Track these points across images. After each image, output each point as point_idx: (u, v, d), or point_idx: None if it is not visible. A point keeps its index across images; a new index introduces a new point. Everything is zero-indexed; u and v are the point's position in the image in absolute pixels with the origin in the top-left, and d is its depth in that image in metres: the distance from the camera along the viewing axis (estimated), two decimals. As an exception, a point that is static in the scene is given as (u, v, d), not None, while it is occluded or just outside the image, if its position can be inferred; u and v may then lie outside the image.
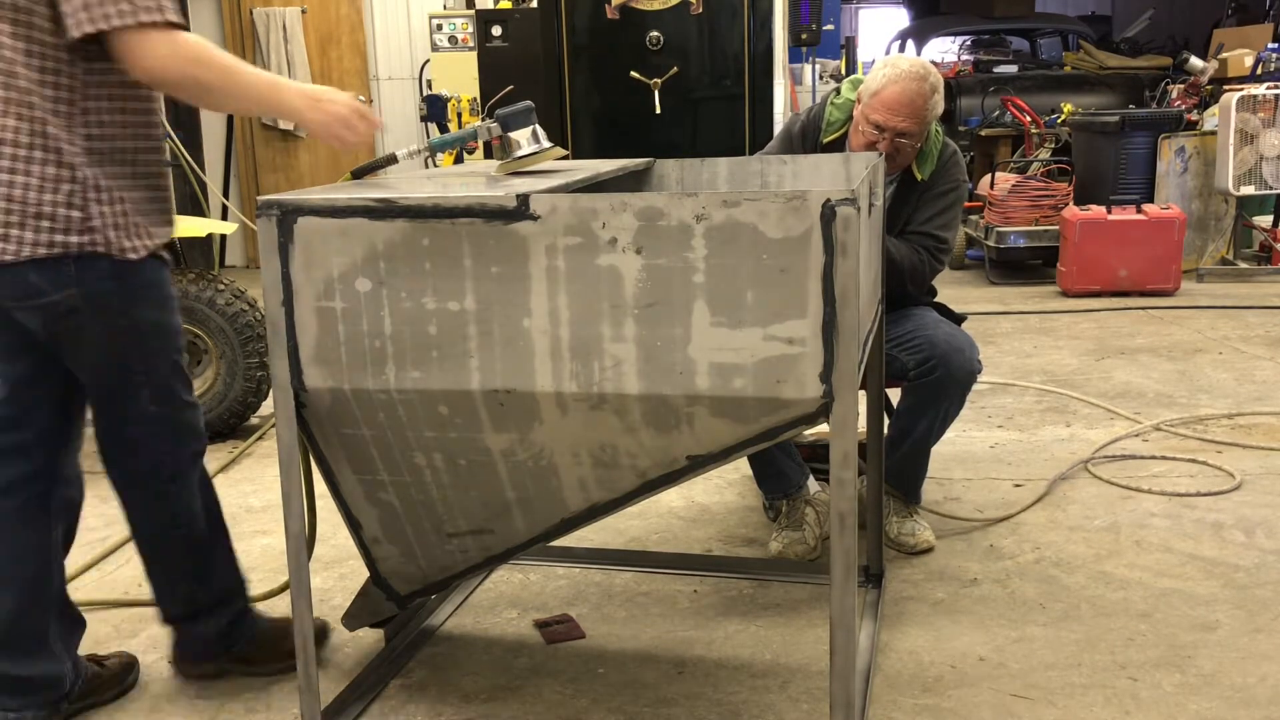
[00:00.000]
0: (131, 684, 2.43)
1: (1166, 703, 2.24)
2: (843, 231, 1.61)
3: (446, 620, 2.70)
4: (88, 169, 2.00)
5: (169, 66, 1.94)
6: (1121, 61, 9.57)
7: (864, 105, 2.79)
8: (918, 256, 2.91)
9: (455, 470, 1.97)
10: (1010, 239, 7.04)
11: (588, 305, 1.72)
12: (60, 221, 1.98)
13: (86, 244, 2.00)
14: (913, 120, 2.74)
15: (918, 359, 2.83)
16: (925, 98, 2.73)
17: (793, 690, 2.34)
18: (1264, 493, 3.34)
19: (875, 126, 2.75)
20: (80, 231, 2.00)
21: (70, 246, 1.99)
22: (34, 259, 1.98)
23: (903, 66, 2.75)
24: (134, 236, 2.06)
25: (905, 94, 2.71)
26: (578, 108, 4.92)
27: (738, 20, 4.75)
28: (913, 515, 3.06)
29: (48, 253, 1.98)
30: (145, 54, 1.92)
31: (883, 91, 2.73)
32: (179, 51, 1.94)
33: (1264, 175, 6.80)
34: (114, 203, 2.03)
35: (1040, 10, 14.26)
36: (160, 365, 2.19)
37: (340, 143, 2.11)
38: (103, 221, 2.01)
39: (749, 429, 1.76)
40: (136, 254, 2.06)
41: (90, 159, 2.01)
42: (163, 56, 1.93)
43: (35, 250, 1.98)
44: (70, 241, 1.99)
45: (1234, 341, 5.29)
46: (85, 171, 2.00)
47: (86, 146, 2.01)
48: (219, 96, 2.04)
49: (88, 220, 2.00)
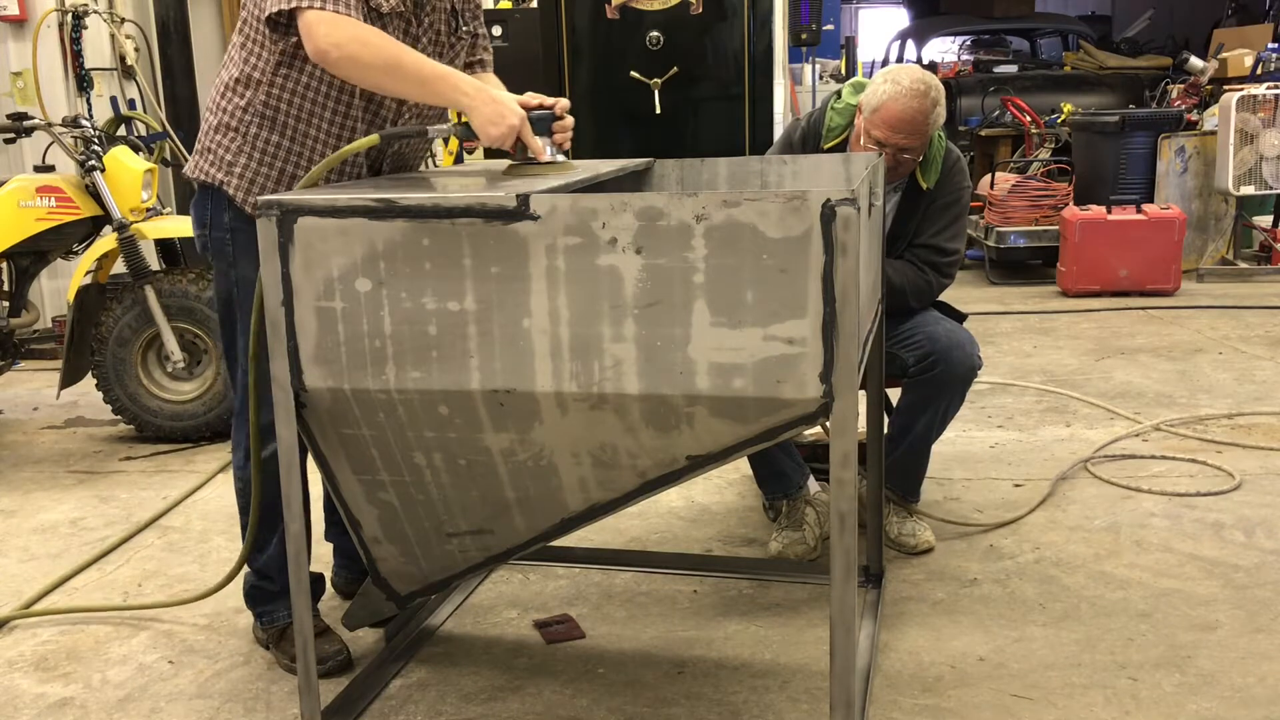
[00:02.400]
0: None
1: (1166, 703, 2.24)
2: (843, 231, 1.61)
3: (446, 620, 2.70)
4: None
5: (324, 47, 2.06)
6: (1121, 61, 9.57)
7: (865, 120, 2.78)
8: (922, 276, 2.92)
9: (455, 470, 1.97)
10: (1010, 239, 7.04)
11: (588, 305, 1.72)
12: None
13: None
14: (914, 137, 2.73)
15: (918, 355, 2.84)
16: (926, 114, 2.71)
17: (793, 690, 2.34)
18: (1264, 493, 3.34)
19: (876, 143, 2.74)
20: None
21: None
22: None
23: (904, 83, 2.71)
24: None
25: (906, 112, 2.69)
26: (578, 108, 4.88)
27: (738, 20, 4.74)
28: (913, 515, 3.06)
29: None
30: (308, 34, 2.07)
31: (883, 109, 2.71)
32: (335, 33, 2.05)
33: (1264, 175, 6.80)
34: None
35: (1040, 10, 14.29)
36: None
37: (497, 142, 2.10)
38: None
39: (749, 429, 1.76)
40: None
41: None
42: (321, 36, 2.05)
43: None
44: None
45: (1234, 341, 5.29)
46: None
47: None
48: (379, 76, 2.09)
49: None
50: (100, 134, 4.20)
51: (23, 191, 4.04)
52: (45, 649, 2.63)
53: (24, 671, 2.53)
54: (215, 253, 2.36)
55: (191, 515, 3.47)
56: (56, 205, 4.03)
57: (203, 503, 3.57)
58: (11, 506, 3.61)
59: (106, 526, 3.40)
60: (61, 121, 4.19)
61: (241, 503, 2.47)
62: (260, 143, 2.27)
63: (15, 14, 5.80)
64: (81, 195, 4.08)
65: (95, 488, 3.79)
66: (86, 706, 2.37)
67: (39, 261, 4.28)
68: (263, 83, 2.24)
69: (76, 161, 4.09)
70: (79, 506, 3.58)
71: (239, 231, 2.30)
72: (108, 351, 4.14)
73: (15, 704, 2.39)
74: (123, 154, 4.18)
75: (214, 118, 2.32)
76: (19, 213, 4.03)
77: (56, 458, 4.13)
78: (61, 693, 2.43)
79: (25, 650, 2.63)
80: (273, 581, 2.49)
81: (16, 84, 5.91)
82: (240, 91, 2.26)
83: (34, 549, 3.25)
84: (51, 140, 4.17)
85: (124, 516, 3.48)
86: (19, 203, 4.03)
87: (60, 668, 2.54)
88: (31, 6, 5.81)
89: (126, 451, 4.16)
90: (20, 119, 4.11)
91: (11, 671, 2.53)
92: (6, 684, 2.48)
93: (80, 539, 3.32)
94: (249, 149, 2.27)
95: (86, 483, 3.83)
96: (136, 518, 3.44)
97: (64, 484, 3.82)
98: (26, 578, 3.03)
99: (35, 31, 5.60)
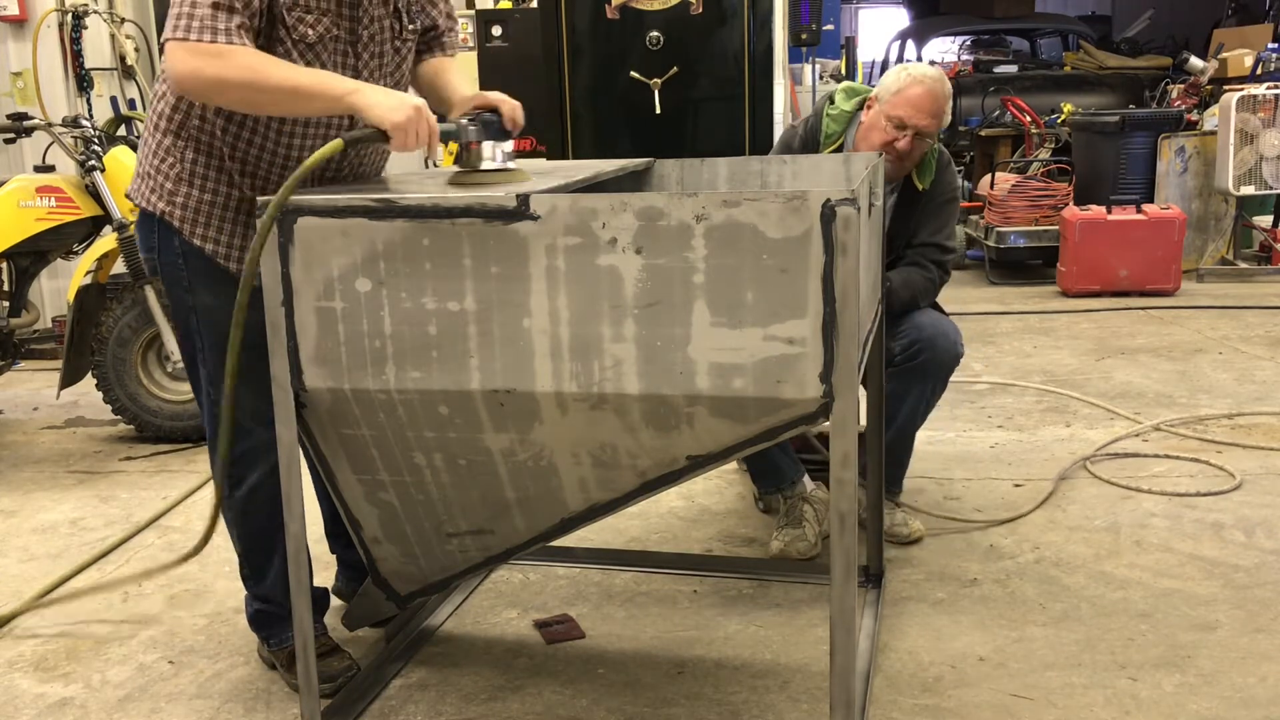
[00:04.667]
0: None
1: (1166, 703, 2.24)
2: (843, 231, 1.61)
3: (446, 620, 2.70)
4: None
5: (179, 75, 1.94)
6: (1121, 61, 9.57)
7: (884, 104, 2.85)
8: (927, 276, 2.98)
9: (455, 470, 1.97)
10: (1010, 239, 7.04)
11: (588, 305, 1.72)
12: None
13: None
14: (934, 119, 2.83)
15: (903, 344, 2.90)
16: (946, 99, 2.86)
17: (793, 690, 2.34)
18: (1264, 493, 3.34)
19: (897, 124, 2.81)
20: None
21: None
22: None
23: (924, 69, 2.87)
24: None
25: (930, 93, 2.81)
26: (578, 108, 4.92)
27: (738, 20, 4.74)
28: (900, 506, 3.08)
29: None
30: (168, 67, 1.95)
31: (906, 90, 2.81)
32: (191, 58, 1.92)
33: (1264, 175, 6.80)
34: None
35: (1040, 10, 14.29)
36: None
37: (404, 147, 1.96)
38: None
39: (749, 429, 1.76)
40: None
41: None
42: (177, 62, 1.93)
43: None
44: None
45: (1234, 341, 5.29)
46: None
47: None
48: (249, 94, 1.95)
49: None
50: (100, 134, 4.20)
51: (23, 191, 4.04)
52: (45, 649, 2.63)
53: (24, 671, 2.53)
54: (168, 278, 2.24)
55: (191, 515, 3.47)
56: (56, 205, 4.03)
57: (203, 503, 3.57)
58: (11, 506, 3.61)
59: (106, 526, 3.40)
60: (61, 121, 4.19)
61: (234, 533, 2.39)
62: (200, 167, 2.14)
63: (15, 14, 5.80)
64: (81, 195, 4.08)
65: (95, 488, 3.79)
66: (86, 706, 2.37)
67: (39, 261, 4.28)
68: (194, 105, 2.11)
69: (76, 161, 4.09)
70: (79, 506, 3.58)
71: (192, 256, 2.18)
72: (108, 351, 4.14)
73: (15, 704, 2.39)
74: (123, 154, 4.18)
75: (152, 139, 2.19)
76: (19, 213, 4.03)
77: (56, 458, 4.13)
78: (61, 693, 2.43)
79: (25, 650, 2.63)
80: (277, 605, 2.40)
81: (16, 84, 5.91)
82: (172, 117, 2.14)
83: (34, 549, 3.25)
84: (51, 140, 4.16)
85: (124, 516, 3.48)
86: (19, 203, 4.03)
87: (60, 668, 2.54)
88: (31, 6, 5.81)
89: (126, 451, 4.15)
90: (20, 119, 4.11)
91: (11, 671, 2.53)
92: (6, 684, 2.48)
93: (80, 539, 3.32)
94: (188, 176, 2.15)
95: (86, 483, 3.83)
96: (136, 518, 3.44)
97: (64, 484, 3.82)
98: (26, 578, 3.03)
99: (35, 31, 5.60)
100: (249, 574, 2.41)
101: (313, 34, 2.03)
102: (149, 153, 2.19)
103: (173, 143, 2.15)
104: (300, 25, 2.01)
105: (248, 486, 2.29)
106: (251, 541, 2.36)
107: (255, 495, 2.30)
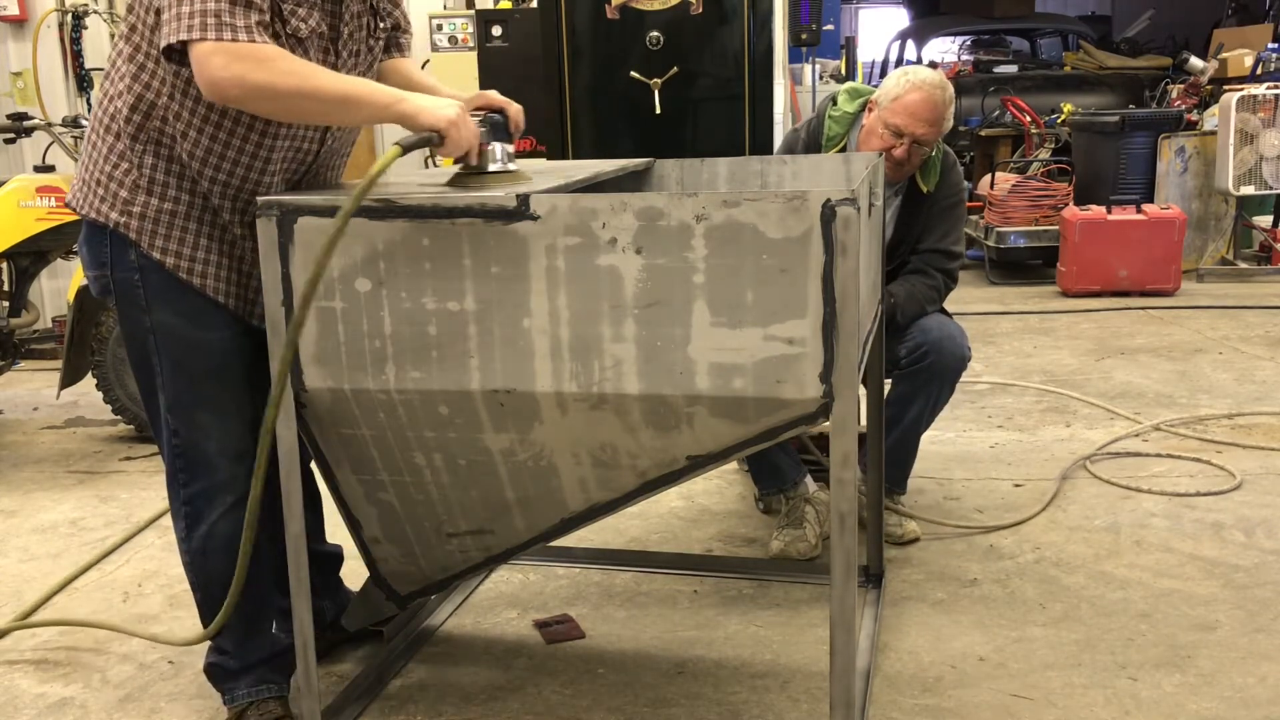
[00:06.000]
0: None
1: (1166, 703, 2.24)
2: (843, 231, 1.61)
3: (446, 620, 2.70)
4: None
5: (221, 83, 1.78)
6: (1121, 61, 9.57)
7: (882, 110, 2.81)
8: (933, 285, 2.95)
9: (455, 470, 1.97)
10: (1010, 239, 7.04)
11: (588, 305, 1.72)
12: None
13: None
14: (932, 127, 2.78)
15: (909, 346, 2.88)
16: (946, 106, 2.80)
17: (793, 690, 2.34)
18: (1264, 493, 3.34)
19: (894, 132, 2.77)
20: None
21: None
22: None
23: (924, 75, 2.81)
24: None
25: (928, 101, 2.76)
26: (578, 108, 4.91)
27: (738, 20, 4.74)
28: (899, 506, 3.08)
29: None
30: (201, 69, 1.79)
31: (905, 97, 2.77)
32: (235, 64, 1.77)
33: (1264, 175, 6.80)
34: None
35: (1040, 10, 14.28)
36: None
37: (459, 146, 1.89)
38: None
39: (749, 429, 1.76)
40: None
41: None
42: (217, 69, 1.77)
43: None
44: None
45: (1234, 341, 5.29)
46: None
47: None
48: (300, 103, 1.82)
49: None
50: (100, 134, 4.19)
51: (23, 191, 4.04)
52: (45, 649, 2.63)
53: (24, 671, 2.53)
54: (122, 296, 2.02)
55: (191, 515, 3.46)
56: (56, 205, 4.03)
57: (203, 503, 3.57)
58: (11, 506, 3.61)
59: (106, 526, 3.39)
60: (61, 121, 4.19)
61: (191, 577, 2.18)
62: (161, 174, 1.97)
63: (15, 14, 5.80)
64: (81, 195, 4.08)
65: (95, 488, 3.79)
66: (86, 706, 2.37)
67: (39, 261, 4.28)
68: (158, 106, 1.93)
69: (76, 161, 4.09)
70: (79, 506, 3.58)
71: (149, 271, 1.99)
72: (108, 351, 4.14)
73: (15, 704, 2.39)
74: (123, 154, 4.17)
75: (102, 143, 1.99)
76: (19, 213, 4.03)
77: (56, 458, 4.13)
78: (61, 693, 2.43)
79: (25, 650, 2.63)
80: (230, 658, 2.21)
81: (16, 84, 5.91)
82: (130, 118, 1.95)
83: (34, 549, 3.25)
84: (51, 140, 4.17)
85: (124, 516, 3.48)
86: (19, 203, 4.03)
87: (60, 668, 2.54)
88: (31, 6, 5.82)
89: (126, 451, 4.15)
90: (20, 119, 4.12)
91: (11, 671, 2.53)
92: (6, 684, 2.47)
93: (80, 539, 3.32)
94: (147, 184, 1.96)
95: (86, 483, 3.83)
96: (136, 518, 3.44)
97: (64, 484, 3.82)
98: (26, 578, 3.03)
99: (35, 31, 5.60)
100: (208, 621, 2.18)
101: (305, 29, 1.93)
102: (98, 158, 1.99)
103: (128, 146, 1.96)
104: (294, 19, 1.92)
105: (206, 525, 2.11)
106: (213, 587, 2.14)
107: (214, 535, 2.11)
